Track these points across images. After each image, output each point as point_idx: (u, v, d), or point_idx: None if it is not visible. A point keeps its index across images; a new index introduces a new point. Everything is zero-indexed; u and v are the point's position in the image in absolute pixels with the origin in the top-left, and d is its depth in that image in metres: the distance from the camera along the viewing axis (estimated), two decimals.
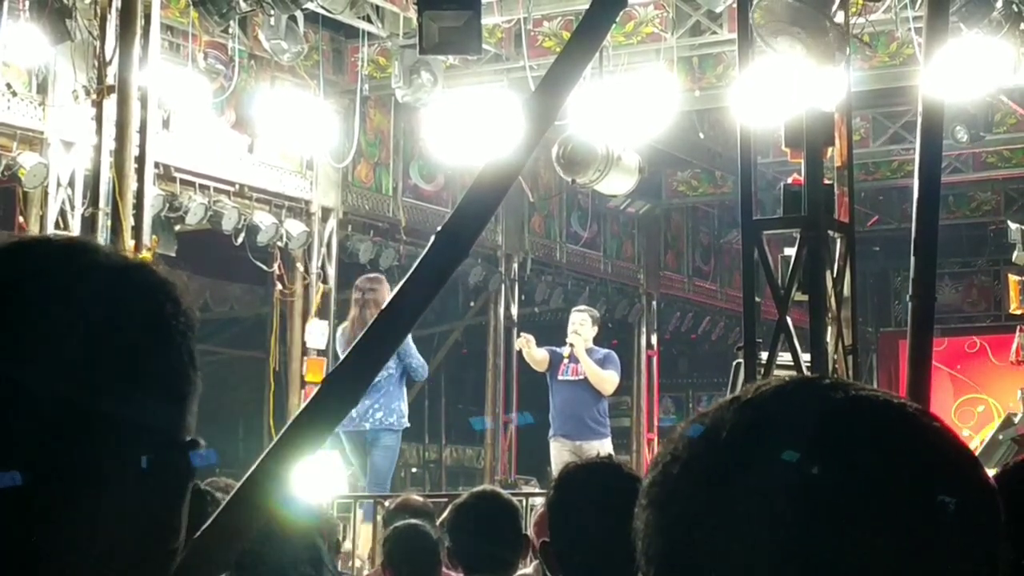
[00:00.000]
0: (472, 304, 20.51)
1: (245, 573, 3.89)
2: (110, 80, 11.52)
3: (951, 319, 23.87)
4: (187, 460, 1.47)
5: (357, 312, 13.70)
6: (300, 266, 16.47)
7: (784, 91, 10.25)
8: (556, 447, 14.41)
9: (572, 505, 4.02)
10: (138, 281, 1.47)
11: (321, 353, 16.31)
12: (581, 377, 14.44)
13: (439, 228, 5.34)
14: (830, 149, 10.12)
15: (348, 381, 4.99)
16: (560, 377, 14.54)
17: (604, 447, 13.68)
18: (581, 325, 14.65)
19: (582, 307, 15.65)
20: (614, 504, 3.96)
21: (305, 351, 16.29)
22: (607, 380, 14.53)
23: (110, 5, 11.63)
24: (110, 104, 11.52)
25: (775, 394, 1.32)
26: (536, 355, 14.66)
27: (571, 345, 14.58)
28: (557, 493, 4.07)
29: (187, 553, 1.51)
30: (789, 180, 10.29)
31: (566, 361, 14.49)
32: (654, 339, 22.38)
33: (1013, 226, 18.18)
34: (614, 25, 7.44)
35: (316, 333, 16.33)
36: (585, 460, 4.39)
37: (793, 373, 9.39)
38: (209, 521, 2.16)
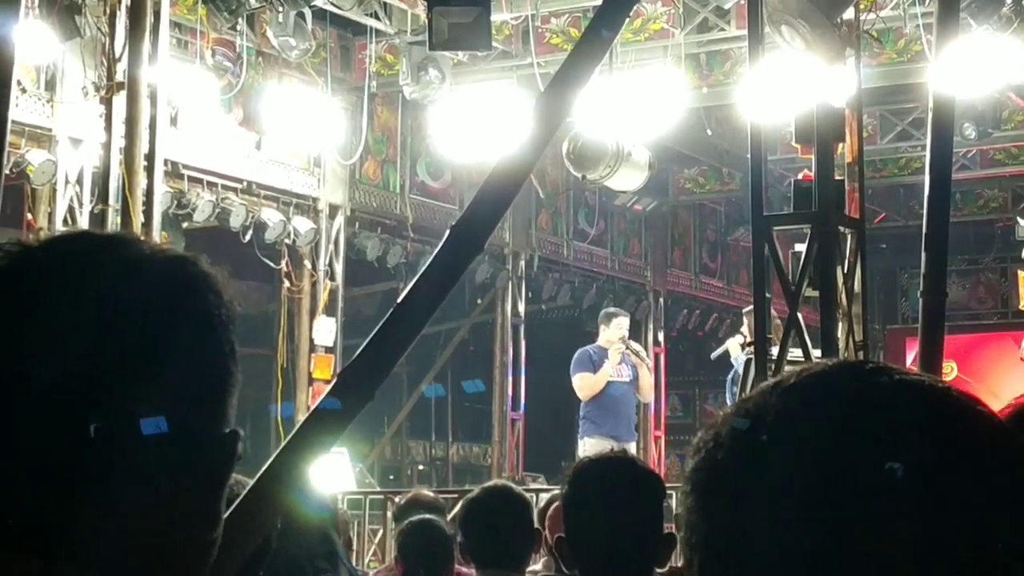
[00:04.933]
0: (479, 301, 20.49)
1: (260, 567, 3.89)
2: (119, 77, 11.53)
3: (958, 316, 23.83)
4: (227, 451, 1.48)
5: None
6: (308, 263, 16.48)
7: (794, 87, 10.24)
8: (600, 445, 13.22)
9: (587, 499, 4.01)
10: (181, 273, 1.48)
11: (328, 350, 16.33)
12: (628, 379, 14.45)
13: (453, 224, 5.31)
14: (840, 145, 10.11)
15: (363, 376, 4.94)
16: (612, 378, 14.45)
17: (634, 446, 13.74)
18: (627, 328, 14.82)
19: (618, 309, 15.73)
20: (629, 497, 3.97)
21: (313, 348, 16.31)
22: (652, 388, 14.67)
23: (120, 2, 11.65)
24: (119, 101, 11.52)
25: (819, 378, 1.31)
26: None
27: (636, 352, 14.68)
28: (572, 488, 4.06)
29: None
30: (799, 176, 10.28)
31: (608, 362, 14.41)
32: (661, 336, 22.38)
33: (1022, 222, 18.17)
34: None
35: (324, 330, 16.34)
36: (598, 454, 4.37)
37: None
38: (226, 514, 2.16)
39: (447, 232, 4.97)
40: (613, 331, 14.61)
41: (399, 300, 5.14)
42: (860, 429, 1.25)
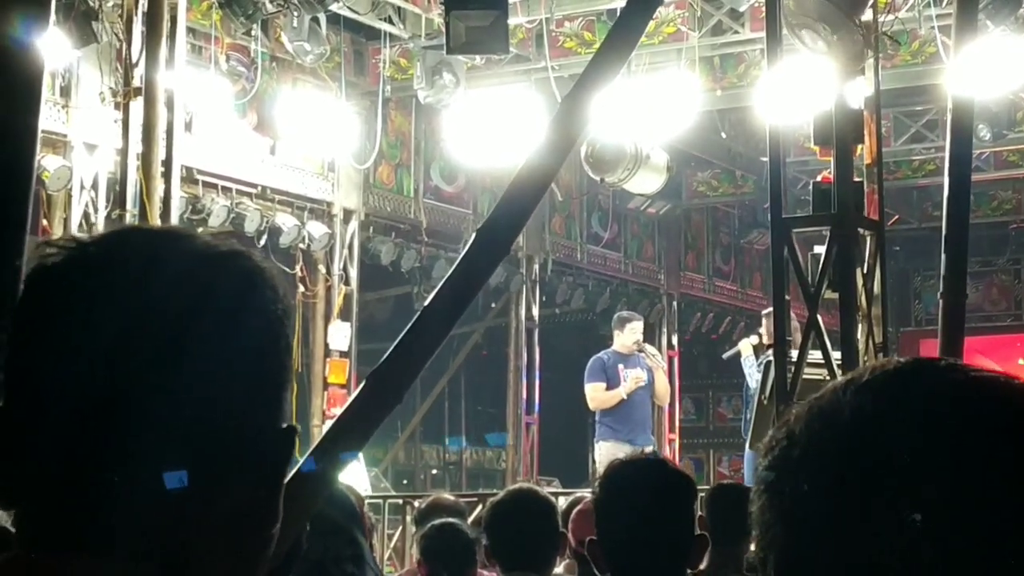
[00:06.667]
0: (493, 305, 20.48)
1: (291, 569, 3.89)
2: (136, 82, 11.55)
3: (971, 318, 23.58)
4: (284, 446, 1.47)
5: None
6: (322, 268, 16.50)
7: (811, 89, 10.22)
8: (615, 449, 13.42)
9: (619, 502, 4.00)
10: (238, 267, 1.47)
11: (343, 355, 16.34)
12: (644, 383, 14.44)
13: (479, 227, 5.27)
14: (859, 146, 10.08)
15: (391, 379, 4.91)
16: (626, 382, 14.45)
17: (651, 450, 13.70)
18: (642, 332, 14.81)
19: (632, 313, 15.74)
20: (661, 500, 3.97)
21: (327, 352, 16.31)
22: (668, 392, 14.63)
23: (136, 7, 11.67)
24: (136, 106, 11.54)
25: (894, 376, 1.30)
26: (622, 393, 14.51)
27: (652, 355, 14.81)
28: (604, 491, 4.05)
29: None
30: (818, 178, 10.26)
31: (622, 367, 14.41)
32: (675, 340, 22.36)
33: None
34: None
35: (338, 335, 16.34)
36: (630, 457, 4.36)
37: (825, 371, 9.37)
38: None
39: (473, 235, 4.96)
40: (627, 335, 14.61)
41: (426, 303, 5.12)
42: (940, 427, 1.24)
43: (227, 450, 1.41)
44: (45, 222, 13.31)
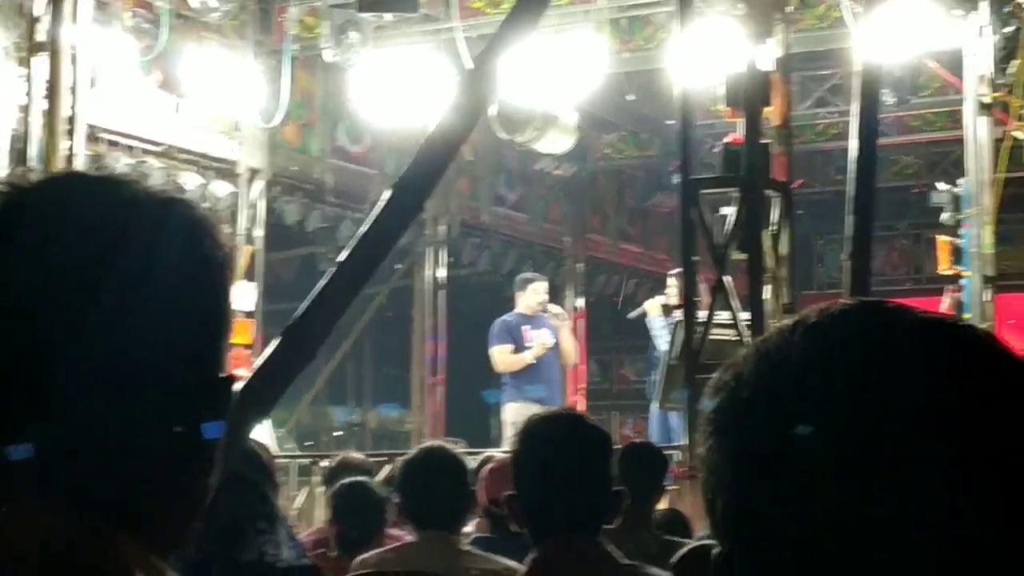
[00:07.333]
0: (398, 267, 20.41)
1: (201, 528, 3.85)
2: (40, 37, 11.37)
3: (872, 282, 23.79)
4: (222, 396, 1.46)
5: None
6: (227, 227, 16.34)
7: (720, 51, 10.26)
8: (523, 410, 13.02)
9: (537, 457, 4.02)
10: (179, 215, 1.47)
11: (249, 315, 16.22)
12: (550, 343, 14.47)
13: (392, 186, 5.26)
14: (766, 109, 10.14)
15: (306, 334, 4.88)
16: (531, 343, 14.45)
17: None
18: (546, 293, 14.79)
19: (534, 274, 15.74)
20: (578, 455, 3.99)
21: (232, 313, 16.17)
22: (576, 351, 14.66)
23: None
24: (38, 62, 11.36)
25: (841, 317, 1.30)
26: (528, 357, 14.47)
27: (556, 314, 14.96)
28: (522, 446, 4.06)
29: None
30: (728, 139, 10.30)
31: (527, 328, 14.41)
32: (580, 302, 22.38)
33: (942, 187, 18.18)
34: None
35: (243, 295, 16.22)
36: (548, 412, 4.38)
37: (733, 332, 9.45)
38: None
39: (385, 194, 4.94)
40: (530, 296, 14.60)
41: (340, 260, 5.08)
42: (889, 369, 1.24)
43: (165, 400, 1.40)
44: None
